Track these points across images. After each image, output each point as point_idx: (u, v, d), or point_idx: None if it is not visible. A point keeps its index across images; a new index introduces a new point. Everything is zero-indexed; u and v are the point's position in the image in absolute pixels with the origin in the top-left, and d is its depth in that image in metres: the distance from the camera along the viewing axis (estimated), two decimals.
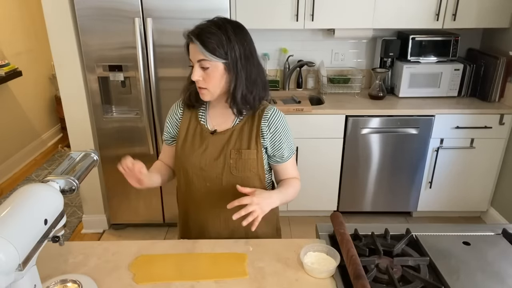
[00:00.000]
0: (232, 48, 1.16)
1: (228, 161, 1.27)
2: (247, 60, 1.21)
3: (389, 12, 2.71)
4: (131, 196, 2.76)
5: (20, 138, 3.95)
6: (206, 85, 1.20)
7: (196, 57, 1.17)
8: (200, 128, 1.32)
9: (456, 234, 1.27)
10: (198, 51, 1.16)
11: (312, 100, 3.02)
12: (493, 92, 2.79)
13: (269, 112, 1.29)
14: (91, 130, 2.64)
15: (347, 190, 2.93)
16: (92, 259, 1.20)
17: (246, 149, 1.27)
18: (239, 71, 1.19)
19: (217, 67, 1.18)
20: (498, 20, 2.73)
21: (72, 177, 1.06)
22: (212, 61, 1.16)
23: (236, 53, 1.17)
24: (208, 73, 1.18)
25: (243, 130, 1.29)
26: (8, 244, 0.77)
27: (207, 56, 1.15)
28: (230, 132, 1.29)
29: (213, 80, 1.19)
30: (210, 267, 1.16)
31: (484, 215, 3.07)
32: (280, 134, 1.29)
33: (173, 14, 2.31)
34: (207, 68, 1.17)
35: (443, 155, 2.81)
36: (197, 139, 1.31)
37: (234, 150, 1.27)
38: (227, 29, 1.17)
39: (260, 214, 1.13)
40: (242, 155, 1.27)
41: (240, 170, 1.28)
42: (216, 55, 1.15)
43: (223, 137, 1.29)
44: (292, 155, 1.35)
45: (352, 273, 1.02)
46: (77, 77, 2.52)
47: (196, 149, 1.30)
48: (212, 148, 1.29)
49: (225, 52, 1.16)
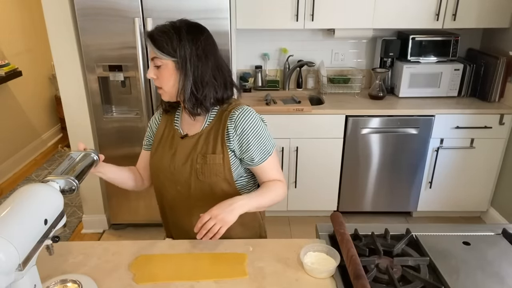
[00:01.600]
0: (182, 47, 1.16)
1: (194, 166, 1.26)
2: (199, 60, 1.19)
3: (389, 12, 2.71)
4: (131, 196, 2.76)
5: (20, 138, 3.95)
6: (160, 84, 1.22)
7: (150, 55, 1.20)
8: (173, 133, 1.32)
9: (456, 234, 1.27)
10: (151, 50, 1.19)
11: (312, 100, 3.02)
12: (493, 92, 2.79)
13: (236, 113, 1.24)
14: (91, 130, 2.64)
15: (347, 190, 2.93)
16: (92, 259, 1.20)
17: (211, 154, 1.25)
18: (187, 71, 1.18)
19: (167, 65, 1.18)
20: (498, 20, 2.73)
21: (72, 177, 1.06)
22: (163, 59, 1.18)
23: (187, 52, 1.17)
24: (161, 72, 1.20)
25: (210, 134, 1.27)
26: (8, 244, 0.77)
27: (157, 54, 1.17)
28: (198, 136, 1.27)
29: (164, 79, 1.20)
30: (210, 267, 1.16)
31: (484, 215, 3.07)
32: (247, 136, 1.24)
33: (173, 14, 2.31)
34: (159, 67, 1.19)
35: (443, 155, 2.81)
36: (168, 143, 1.32)
37: (200, 155, 1.26)
38: (181, 29, 1.18)
39: (223, 225, 1.13)
40: (207, 160, 1.25)
41: (206, 175, 1.26)
42: (164, 52, 1.16)
43: (191, 141, 1.28)
44: (267, 158, 1.28)
45: (352, 273, 1.02)
46: (77, 77, 2.52)
47: (166, 153, 1.31)
48: (180, 152, 1.29)
49: (174, 50, 1.16)
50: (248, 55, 3.18)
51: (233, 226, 1.29)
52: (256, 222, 1.43)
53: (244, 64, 3.21)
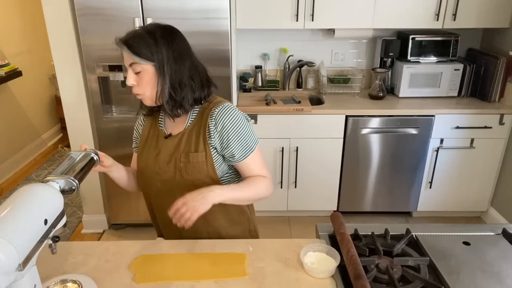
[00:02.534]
0: (159, 50, 1.17)
1: (178, 165, 1.27)
2: (176, 63, 1.20)
3: (389, 12, 2.71)
4: (131, 196, 2.76)
5: (20, 138, 3.95)
6: (141, 90, 1.21)
7: (127, 62, 1.18)
8: (158, 133, 1.33)
9: (456, 234, 1.27)
10: (127, 56, 1.17)
11: (312, 100, 3.02)
12: (493, 92, 2.79)
13: (216, 110, 1.25)
14: (91, 130, 2.64)
15: (347, 190, 2.93)
16: (92, 259, 1.20)
17: (194, 152, 1.25)
18: (165, 74, 1.19)
19: (147, 70, 1.18)
20: (498, 20, 2.73)
21: (72, 177, 1.06)
22: (142, 64, 1.17)
23: (164, 55, 1.17)
24: (141, 77, 1.19)
25: (192, 133, 1.27)
26: (8, 244, 0.77)
27: (135, 59, 1.16)
28: (180, 136, 1.28)
29: (145, 84, 1.20)
30: (210, 267, 1.16)
31: (484, 215, 3.07)
32: (228, 132, 1.24)
33: (173, 14, 2.31)
34: (139, 72, 1.18)
35: (443, 155, 2.81)
36: (153, 143, 1.33)
37: (183, 154, 1.26)
38: (155, 33, 1.18)
39: (193, 212, 1.12)
40: (190, 159, 1.25)
41: (190, 173, 1.26)
42: (143, 57, 1.16)
43: (174, 141, 1.29)
44: (249, 154, 1.27)
45: (352, 273, 1.02)
46: (77, 77, 2.52)
47: (150, 153, 1.32)
48: (164, 152, 1.29)
49: (152, 54, 1.16)
50: (248, 55, 3.18)
51: (220, 221, 1.34)
52: (244, 217, 1.41)
53: (244, 64, 3.21)
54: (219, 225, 1.35)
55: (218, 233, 1.36)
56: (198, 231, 1.34)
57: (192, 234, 1.34)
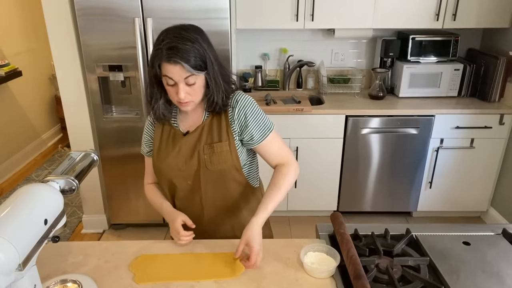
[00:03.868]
0: (208, 57, 1.17)
1: (202, 157, 1.27)
2: (218, 62, 1.21)
3: (389, 12, 2.71)
4: (131, 196, 2.76)
5: (20, 138, 3.95)
6: (193, 98, 1.20)
7: (181, 76, 1.15)
8: (174, 132, 1.32)
9: (456, 234, 1.27)
10: (183, 70, 1.13)
11: (312, 100, 3.02)
12: (493, 92, 2.79)
13: (231, 97, 1.28)
14: (91, 130, 2.64)
15: (347, 190, 2.93)
16: (92, 259, 1.20)
17: (218, 142, 1.27)
18: (217, 77, 1.20)
19: (202, 79, 1.18)
20: (498, 20, 2.73)
21: (72, 177, 1.06)
22: (198, 76, 1.16)
23: (212, 60, 1.18)
24: (194, 88, 1.18)
25: (213, 124, 1.28)
26: (8, 244, 0.77)
27: (194, 73, 1.14)
28: (200, 129, 1.29)
29: (198, 92, 1.20)
30: (210, 267, 1.16)
31: (484, 215, 3.07)
32: (245, 114, 1.27)
33: (173, 14, 2.31)
34: (193, 84, 1.17)
35: (443, 155, 2.81)
36: (170, 143, 1.32)
37: (206, 145, 1.27)
38: (198, 40, 1.16)
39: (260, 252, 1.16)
40: (214, 149, 1.27)
41: (215, 164, 1.27)
42: (200, 69, 1.16)
43: (194, 135, 1.29)
44: (268, 134, 1.31)
45: (352, 273, 1.02)
46: (77, 77, 2.52)
47: (170, 153, 1.31)
48: (185, 148, 1.29)
49: (205, 62, 1.16)
50: (248, 55, 3.18)
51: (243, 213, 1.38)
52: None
53: (244, 64, 3.21)
54: (243, 218, 1.37)
55: (241, 225, 1.33)
56: (222, 223, 1.37)
57: (215, 227, 1.37)
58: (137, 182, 2.72)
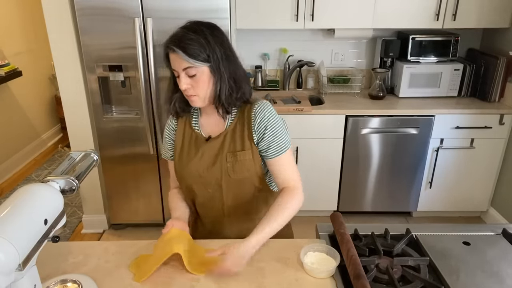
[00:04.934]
0: (213, 50, 1.15)
1: (225, 165, 1.26)
2: (228, 60, 1.20)
3: (389, 12, 2.71)
4: (131, 196, 2.76)
5: (20, 138, 3.95)
6: (196, 91, 1.19)
7: (180, 66, 1.15)
8: (195, 136, 1.31)
9: (456, 234, 1.27)
10: (181, 60, 1.14)
11: (312, 100, 3.02)
12: (493, 92, 2.79)
13: (257, 106, 1.26)
14: (91, 130, 2.64)
15: (347, 190, 2.93)
16: (92, 259, 1.20)
17: (241, 151, 1.26)
18: (222, 73, 1.18)
19: (203, 72, 1.17)
20: (498, 20, 2.73)
21: (72, 177, 1.06)
22: (198, 67, 1.15)
23: (218, 54, 1.16)
24: (196, 80, 1.17)
25: (236, 132, 1.27)
26: (8, 244, 0.77)
27: (191, 63, 1.14)
28: (223, 136, 1.27)
29: (201, 86, 1.18)
30: (191, 252, 1.17)
31: (484, 215, 3.07)
32: (265, 125, 1.24)
33: (173, 14, 2.31)
34: (194, 75, 1.16)
35: (443, 155, 2.81)
36: (193, 147, 1.31)
37: (230, 153, 1.26)
38: (204, 32, 1.16)
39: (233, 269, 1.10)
40: (237, 157, 1.25)
41: (237, 172, 1.26)
42: (200, 60, 1.14)
43: (217, 141, 1.28)
44: (281, 153, 1.26)
45: (352, 273, 1.02)
46: (77, 77, 2.52)
47: (192, 158, 1.30)
48: (208, 154, 1.28)
49: (207, 55, 1.15)
50: (248, 55, 3.18)
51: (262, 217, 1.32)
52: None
53: (244, 64, 3.19)
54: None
55: None
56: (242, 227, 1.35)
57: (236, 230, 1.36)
58: (137, 182, 2.72)
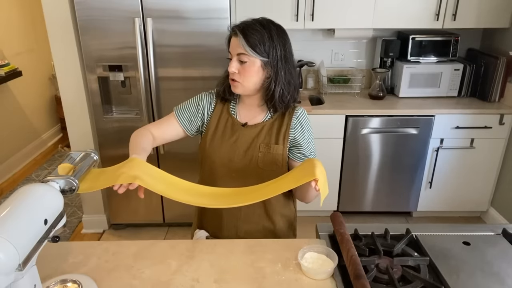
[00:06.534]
0: (274, 47, 1.22)
1: (256, 154, 1.31)
2: (286, 61, 1.25)
3: (389, 12, 2.71)
4: (131, 196, 2.76)
5: (20, 138, 3.95)
6: (240, 78, 1.25)
7: (236, 50, 1.22)
8: (232, 121, 1.35)
9: (456, 234, 1.27)
10: (239, 45, 1.21)
11: (312, 100, 3.02)
12: (493, 92, 2.79)
13: (299, 111, 1.35)
14: (91, 130, 2.64)
15: (347, 190, 2.93)
16: (92, 259, 1.20)
17: (275, 144, 1.31)
18: (279, 71, 1.24)
19: (254, 63, 1.22)
20: (498, 20, 2.73)
21: (72, 177, 1.06)
22: (251, 57, 1.21)
23: (278, 53, 1.23)
24: (245, 67, 1.23)
25: (273, 126, 1.33)
26: (8, 244, 0.77)
27: (247, 51, 1.20)
28: (260, 127, 1.33)
29: (248, 75, 1.24)
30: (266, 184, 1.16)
31: (484, 215, 3.07)
32: (303, 130, 1.34)
33: (173, 14, 2.31)
34: (245, 62, 1.22)
35: (443, 155, 2.81)
36: (228, 130, 1.35)
37: (264, 144, 1.31)
38: (271, 29, 1.22)
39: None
40: (270, 149, 1.31)
41: (266, 163, 1.31)
42: (256, 51, 1.20)
43: (254, 130, 1.32)
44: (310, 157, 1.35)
45: (352, 273, 1.02)
46: (77, 77, 2.52)
47: (226, 140, 1.34)
48: (243, 140, 1.32)
49: (266, 50, 1.21)
50: None
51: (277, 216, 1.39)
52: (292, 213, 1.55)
53: None
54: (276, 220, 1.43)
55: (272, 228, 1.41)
56: (256, 222, 1.39)
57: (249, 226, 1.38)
58: None
